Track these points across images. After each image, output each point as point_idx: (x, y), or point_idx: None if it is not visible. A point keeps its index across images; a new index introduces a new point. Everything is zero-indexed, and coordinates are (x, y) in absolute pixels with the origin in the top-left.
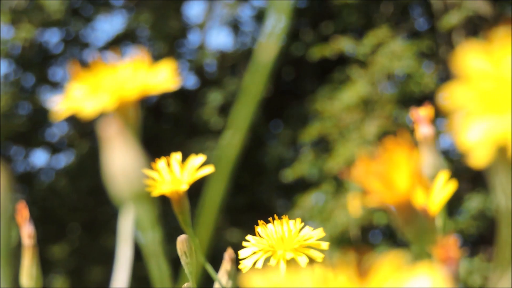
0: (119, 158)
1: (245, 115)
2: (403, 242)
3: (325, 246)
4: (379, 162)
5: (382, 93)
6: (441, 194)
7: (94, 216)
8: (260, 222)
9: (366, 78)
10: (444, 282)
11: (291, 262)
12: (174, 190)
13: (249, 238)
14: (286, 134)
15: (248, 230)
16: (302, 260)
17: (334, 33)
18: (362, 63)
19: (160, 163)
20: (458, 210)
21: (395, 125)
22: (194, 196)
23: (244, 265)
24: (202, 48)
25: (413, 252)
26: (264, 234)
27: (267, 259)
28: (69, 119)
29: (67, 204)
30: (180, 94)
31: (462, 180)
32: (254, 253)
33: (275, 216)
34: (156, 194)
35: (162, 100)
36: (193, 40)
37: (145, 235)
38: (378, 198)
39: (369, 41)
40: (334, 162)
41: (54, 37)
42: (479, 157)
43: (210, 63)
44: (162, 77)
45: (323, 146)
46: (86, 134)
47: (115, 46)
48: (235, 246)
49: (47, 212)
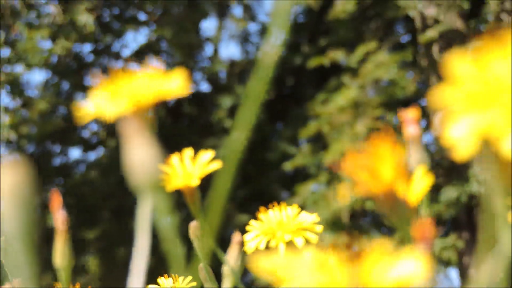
0: (138, 153)
1: (249, 115)
2: (388, 226)
3: (319, 229)
4: (366, 156)
5: (370, 97)
6: (421, 185)
7: (121, 203)
8: (262, 208)
9: (357, 84)
10: (427, 265)
11: (290, 244)
12: (186, 183)
13: (252, 223)
14: (287, 132)
15: (254, 216)
16: (299, 241)
17: (329, 45)
18: (353, 71)
19: (174, 159)
20: (435, 198)
21: (382, 124)
22: (205, 187)
23: (248, 247)
24: (214, 58)
25: (397, 234)
26: (265, 219)
27: (269, 242)
28: (99, 120)
29: (98, 193)
30: (195, 98)
31: (438, 172)
32: (257, 236)
33: (275, 203)
34: (170, 188)
35: (180, 103)
36: (207, 51)
37: (161, 221)
38: (366, 188)
39: (359, 52)
40: (329, 156)
41: (86, 48)
42: (463, 150)
43: (222, 71)
44: (174, 84)
45: (320, 143)
46: (114, 132)
47: (139, 56)
48: (243, 230)
49: (81, 200)
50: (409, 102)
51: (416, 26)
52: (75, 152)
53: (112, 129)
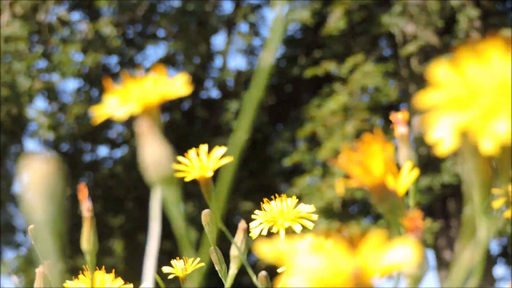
0: (149, 151)
1: (249, 117)
2: (375, 213)
3: (315, 217)
4: (359, 153)
5: (358, 102)
6: (408, 178)
7: (142, 194)
8: (265, 199)
9: (346, 91)
10: (418, 253)
11: (289, 230)
12: (202, 175)
13: (257, 212)
14: (286, 133)
15: (257, 206)
16: (297, 228)
17: (322, 58)
18: (343, 80)
19: (191, 154)
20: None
21: (368, 125)
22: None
23: (253, 232)
24: (223, 68)
25: (383, 221)
26: (268, 209)
27: (271, 228)
28: (123, 121)
29: (122, 185)
30: (207, 103)
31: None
32: (261, 223)
33: (276, 194)
34: (188, 178)
35: (193, 107)
36: (217, 62)
37: (171, 210)
38: (358, 181)
39: (348, 63)
40: (323, 153)
41: (113, 60)
42: (445, 146)
43: (230, 80)
44: (176, 86)
45: (314, 142)
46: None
47: (159, 67)
48: (247, 218)
49: (108, 191)
50: (391, 106)
51: (397, 42)
52: (103, 150)
53: (135, 130)
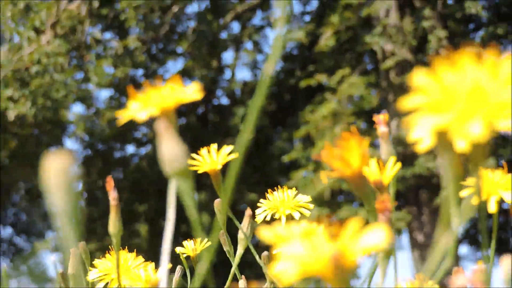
0: (165, 148)
1: (252, 120)
2: (359, 201)
3: (311, 206)
4: (339, 148)
5: (345, 108)
6: (390, 170)
7: (163, 185)
8: (269, 190)
9: (335, 99)
10: (389, 236)
11: (289, 216)
12: (212, 168)
13: (261, 201)
14: (285, 134)
15: (260, 196)
16: (296, 215)
17: (315, 71)
18: (333, 90)
19: (203, 151)
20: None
21: (353, 128)
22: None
23: (258, 218)
24: (232, 80)
25: (364, 207)
26: (271, 198)
27: (273, 215)
28: (147, 123)
29: (147, 178)
30: (218, 109)
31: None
32: (265, 210)
33: (279, 186)
34: (201, 171)
35: (206, 112)
36: (226, 74)
37: (184, 198)
38: (339, 173)
39: (337, 76)
40: (315, 151)
41: (139, 73)
42: (424, 144)
43: (237, 89)
44: (189, 93)
45: (308, 141)
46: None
47: (175, 77)
48: (252, 206)
49: (134, 183)
50: (373, 112)
51: (378, 57)
52: (130, 148)
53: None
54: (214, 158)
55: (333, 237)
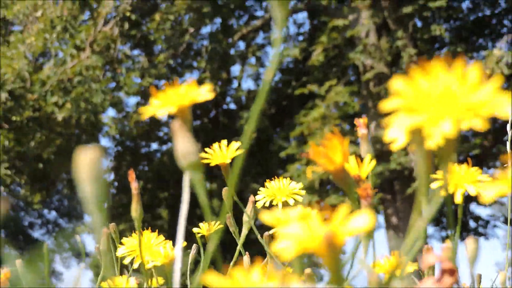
0: (179, 143)
1: (253, 121)
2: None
3: (303, 192)
4: (323, 147)
5: (332, 112)
6: (368, 165)
7: (182, 176)
8: (267, 180)
9: (324, 105)
10: (372, 220)
11: (285, 203)
12: (222, 161)
13: (261, 189)
14: (282, 134)
15: (263, 185)
16: (291, 201)
17: (307, 81)
18: (322, 97)
19: (215, 146)
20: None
21: (339, 129)
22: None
23: (258, 204)
24: (238, 88)
25: (347, 195)
26: (270, 187)
27: (271, 201)
28: (168, 124)
29: (168, 170)
30: (227, 112)
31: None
32: (264, 197)
33: (276, 177)
34: (213, 164)
35: (217, 115)
36: (234, 84)
37: (196, 187)
38: (324, 168)
39: (325, 86)
40: (307, 148)
41: (161, 83)
42: (399, 142)
43: (243, 96)
44: (203, 92)
45: (302, 140)
46: None
47: (193, 82)
48: (255, 194)
49: (157, 174)
50: (355, 115)
51: (359, 71)
52: (154, 145)
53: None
54: (224, 152)
55: (325, 220)
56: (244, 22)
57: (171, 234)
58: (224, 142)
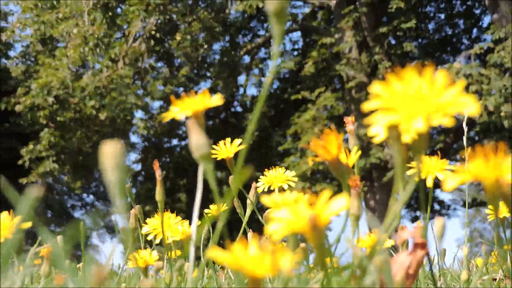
0: (194, 139)
1: (255, 121)
2: (332, 178)
3: (295, 179)
4: (322, 141)
5: (321, 114)
6: (354, 157)
7: (197, 166)
8: (266, 170)
9: (315, 108)
10: (360, 205)
11: (280, 188)
12: (227, 155)
13: (261, 177)
14: (280, 132)
15: (262, 173)
16: (285, 186)
17: (301, 89)
18: (313, 102)
19: (221, 143)
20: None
21: (328, 129)
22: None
23: (259, 189)
24: (244, 94)
25: (336, 183)
26: (268, 175)
27: (270, 186)
28: (186, 124)
29: (186, 161)
30: (234, 115)
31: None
32: (263, 184)
33: (273, 167)
34: (219, 157)
35: (226, 117)
36: (240, 91)
37: (207, 175)
38: (322, 158)
39: (316, 92)
40: (301, 144)
41: (180, 90)
42: (379, 137)
43: (248, 101)
44: (214, 99)
45: (296, 137)
46: None
47: (206, 92)
48: (257, 181)
49: (178, 165)
50: (340, 117)
51: (344, 80)
52: (175, 141)
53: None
54: (228, 148)
55: (311, 205)
56: (249, 40)
57: (189, 215)
58: (228, 140)
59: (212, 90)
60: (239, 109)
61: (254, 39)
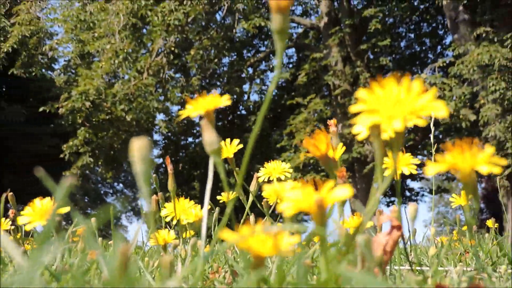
0: (206, 135)
1: (259, 123)
2: (323, 170)
3: (291, 171)
4: (313, 139)
5: (312, 117)
6: (338, 153)
7: (209, 159)
8: (266, 163)
9: (306, 111)
10: (351, 191)
11: (278, 178)
12: (228, 155)
13: (261, 169)
14: (278, 131)
15: (263, 165)
16: (282, 177)
17: (295, 95)
18: (305, 106)
19: (227, 141)
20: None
21: (316, 129)
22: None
23: (260, 179)
24: (248, 100)
25: (328, 174)
26: (267, 167)
27: (269, 177)
28: (200, 125)
29: (200, 156)
30: (240, 117)
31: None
32: (263, 174)
33: (271, 160)
34: (224, 155)
35: (233, 119)
36: (245, 97)
37: (218, 168)
38: (313, 153)
39: (307, 98)
40: (295, 141)
41: (193, 96)
42: (362, 135)
43: (251, 106)
44: (222, 101)
45: (291, 135)
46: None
47: (216, 94)
48: (258, 172)
49: (191, 159)
50: (327, 119)
51: (331, 88)
52: (190, 139)
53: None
54: (228, 147)
55: (316, 190)
56: (252, 54)
57: (201, 200)
58: (228, 140)
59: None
60: (244, 112)
61: (256, 54)
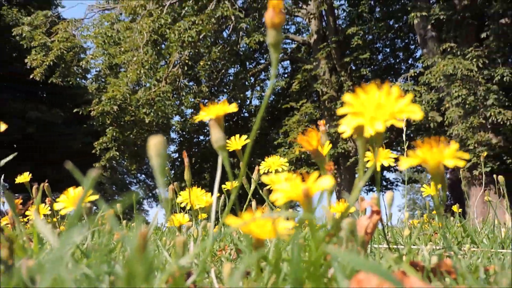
0: (213, 133)
1: (258, 123)
2: (314, 163)
3: (287, 164)
4: (306, 136)
5: (304, 118)
6: (326, 148)
7: (217, 154)
8: (266, 158)
9: (299, 114)
10: (332, 182)
11: (276, 170)
12: (236, 147)
13: (262, 162)
14: (275, 131)
15: (263, 159)
16: (279, 169)
17: (290, 100)
18: (298, 109)
19: (232, 139)
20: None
21: (307, 128)
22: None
23: (261, 171)
24: (249, 105)
25: (318, 167)
26: (267, 160)
27: (268, 169)
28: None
29: (210, 151)
30: (243, 118)
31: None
32: (263, 167)
33: (269, 155)
34: (231, 149)
35: (237, 120)
36: (247, 102)
37: (224, 161)
38: (306, 148)
39: (300, 103)
40: (289, 139)
41: (205, 101)
42: (347, 134)
43: (252, 109)
44: (230, 107)
45: (286, 134)
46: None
47: (225, 101)
48: (259, 165)
49: (203, 154)
50: (317, 120)
51: (320, 94)
52: (201, 137)
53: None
54: (238, 141)
55: (303, 181)
56: (253, 66)
57: (211, 189)
58: (237, 136)
59: (228, 101)
60: (246, 114)
61: (257, 66)
